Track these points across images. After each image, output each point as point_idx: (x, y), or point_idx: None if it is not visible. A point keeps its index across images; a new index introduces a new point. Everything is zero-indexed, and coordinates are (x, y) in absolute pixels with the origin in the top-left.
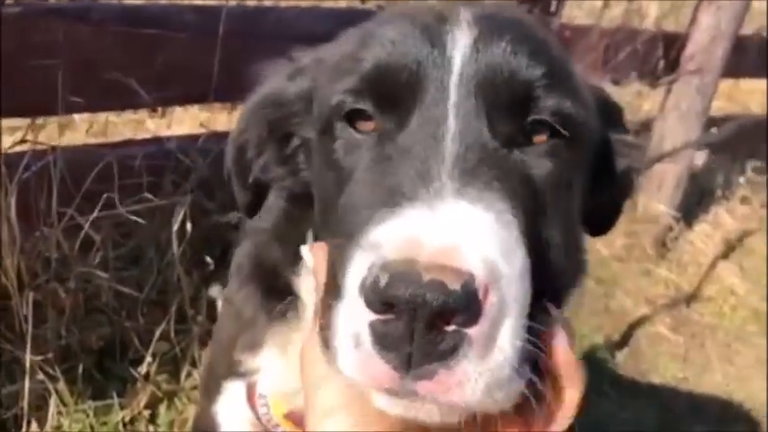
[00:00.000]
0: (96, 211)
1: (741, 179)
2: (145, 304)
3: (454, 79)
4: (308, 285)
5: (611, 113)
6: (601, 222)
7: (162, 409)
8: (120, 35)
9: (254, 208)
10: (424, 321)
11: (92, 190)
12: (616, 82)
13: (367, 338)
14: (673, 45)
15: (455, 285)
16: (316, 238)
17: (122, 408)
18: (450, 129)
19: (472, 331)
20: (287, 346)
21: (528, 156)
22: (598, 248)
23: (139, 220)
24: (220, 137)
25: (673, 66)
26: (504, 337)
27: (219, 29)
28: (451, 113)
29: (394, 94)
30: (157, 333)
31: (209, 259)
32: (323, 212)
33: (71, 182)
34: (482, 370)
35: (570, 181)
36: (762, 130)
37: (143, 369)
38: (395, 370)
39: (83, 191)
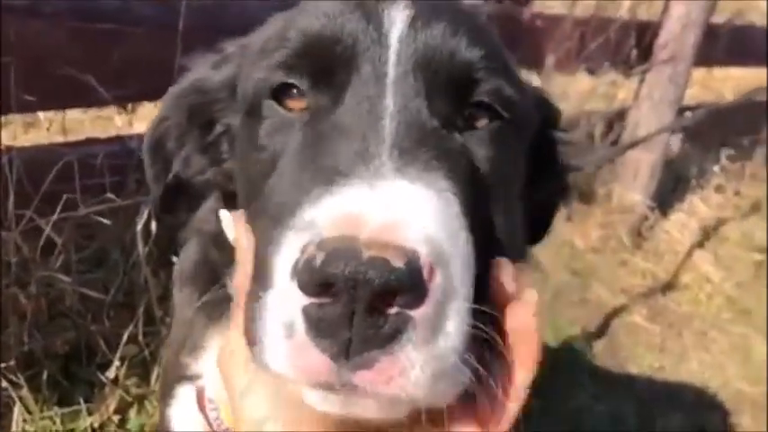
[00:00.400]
0: (57, 212)
1: (715, 168)
2: (111, 307)
3: (392, 57)
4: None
5: (549, 113)
6: (537, 227)
7: (132, 413)
8: (75, 30)
9: (166, 203)
10: (365, 302)
11: (52, 191)
12: (591, 71)
13: (300, 326)
14: (645, 34)
15: (398, 263)
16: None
17: (90, 413)
18: (388, 107)
19: (416, 313)
20: None
21: (468, 139)
22: (574, 240)
23: (103, 220)
24: None
25: (646, 55)
26: (450, 322)
27: (179, 23)
28: (389, 91)
29: (327, 67)
30: (125, 336)
31: (175, 259)
32: (248, 198)
33: (29, 183)
34: (426, 357)
35: (511, 166)
36: (735, 117)
37: (111, 373)
38: (331, 359)
39: (42, 192)
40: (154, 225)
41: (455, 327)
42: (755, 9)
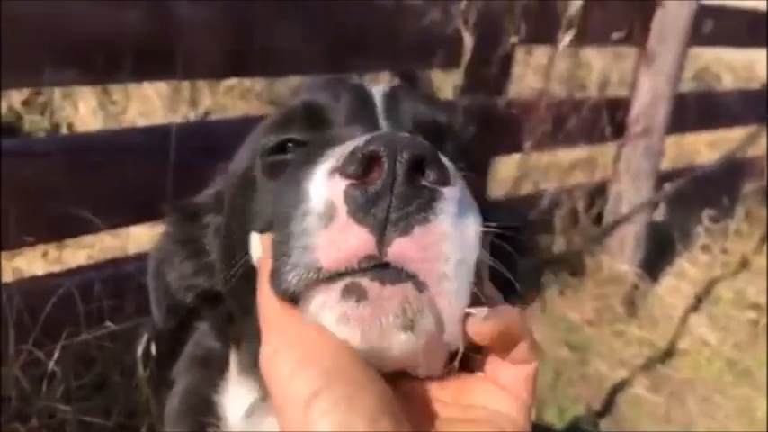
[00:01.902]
0: (60, 343)
1: (699, 228)
2: (113, 431)
3: (380, 108)
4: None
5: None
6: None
7: None
8: (66, 164)
9: (171, 331)
10: (403, 168)
11: (50, 319)
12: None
13: (342, 207)
14: (617, 110)
15: (427, 144)
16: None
17: None
18: (381, 128)
19: (446, 191)
20: None
21: None
22: (568, 314)
23: (103, 345)
24: None
25: (619, 129)
26: (471, 221)
27: (170, 147)
28: (381, 122)
29: (322, 115)
30: None
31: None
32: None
33: (27, 314)
34: (455, 237)
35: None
36: (712, 178)
37: None
38: (371, 234)
39: (40, 322)
40: (153, 347)
41: (472, 238)
42: (720, 62)
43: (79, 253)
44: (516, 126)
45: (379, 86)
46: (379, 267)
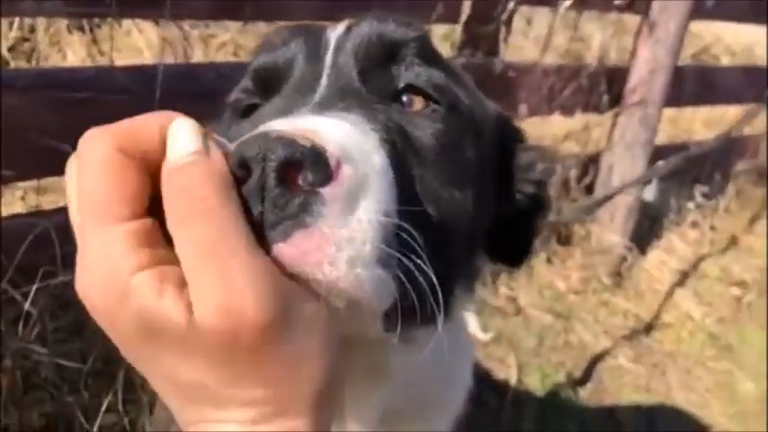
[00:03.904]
0: (36, 283)
1: (690, 204)
2: (89, 376)
3: (329, 53)
4: None
5: (511, 129)
6: (516, 246)
7: None
8: (51, 101)
9: None
10: (273, 171)
11: (26, 260)
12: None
13: None
14: (615, 79)
15: (304, 142)
16: None
17: None
18: (321, 83)
19: (325, 191)
20: None
21: (405, 115)
22: (555, 283)
23: None
24: None
25: (617, 99)
26: (363, 213)
27: (156, 89)
28: (324, 74)
29: (274, 77)
30: (104, 405)
31: None
32: None
33: (3, 254)
34: (339, 237)
35: (456, 151)
36: (706, 156)
37: None
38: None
39: (15, 262)
40: None
41: (368, 218)
42: (720, 42)
43: (59, 199)
44: (512, 90)
45: (337, 29)
46: None
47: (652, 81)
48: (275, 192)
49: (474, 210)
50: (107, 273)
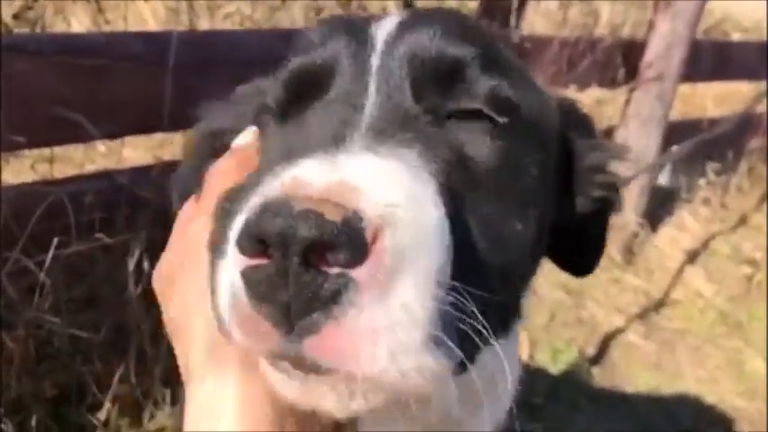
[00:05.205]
0: (50, 252)
1: (702, 181)
2: (101, 347)
3: (375, 60)
4: None
5: (573, 117)
6: (586, 247)
7: None
8: (62, 66)
9: None
10: (297, 256)
11: (39, 230)
12: (579, 89)
13: (241, 291)
14: (631, 52)
15: (334, 217)
16: None
17: None
18: (370, 96)
19: (358, 274)
20: None
21: (462, 133)
22: None
23: (93, 258)
24: (174, 167)
25: (632, 73)
26: (408, 292)
27: (169, 57)
28: (372, 86)
29: (313, 81)
30: (116, 376)
31: None
32: None
33: (15, 222)
34: (378, 327)
35: (519, 172)
36: (719, 134)
37: (102, 415)
38: (275, 327)
39: (29, 231)
40: (146, 263)
41: (415, 298)
42: (729, 20)
43: (69, 168)
44: (527, 63)
45: (385, 24)
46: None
47: (669, 55)
48: (300, 280)
49: (536, 236)
50: None
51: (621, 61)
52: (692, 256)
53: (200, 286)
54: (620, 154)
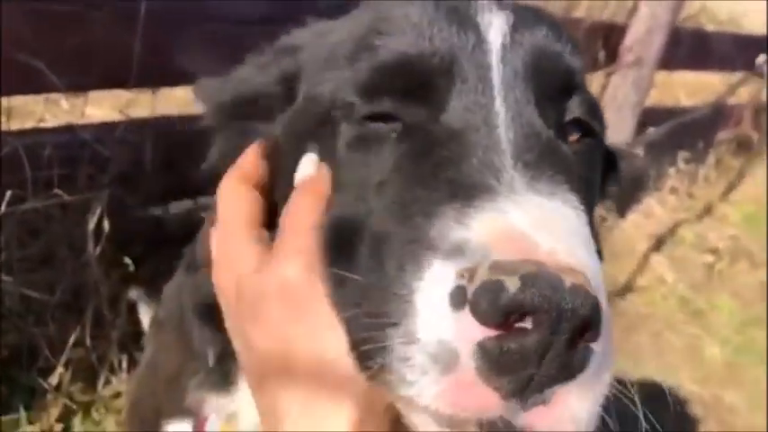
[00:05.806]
0: (2, 207)
1: (671, 169)
2: (56, 309)
3: (495, 64)
4: None
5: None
6: None
7: (76, 421)
8: (27, 11)
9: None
10: (568, 333)
11: None
12: None
13: (468, 361)
14: (612, 35)
15: (593, 292)
16: None
17: (31, 422)
18: (499, 114)
19: (597, 346)
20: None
21: (572, 148)
22: None
23: (50, 216)
24: (141, 125)
25: (613, 56)
26: (610, 358)
27: (141, 8)
28: (498, 98)
29: (422, 87)
30: (71, 339)
31: (128, 259)
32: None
33: None
34: (595, 394)
35: (596, 185)
36: (691, 123)
37: (54, 379)
38: (504, 398)
39: None
40: (106, 223)
41: (604, 387)
42: (705, 12)
43: (28, 122)
44: None
45: (496, 17)
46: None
47: (649, 40)
48: (559, 356)
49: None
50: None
51: (602, 44)
52: (658, 244)
53: (329, 326)
54: (643, 164)
